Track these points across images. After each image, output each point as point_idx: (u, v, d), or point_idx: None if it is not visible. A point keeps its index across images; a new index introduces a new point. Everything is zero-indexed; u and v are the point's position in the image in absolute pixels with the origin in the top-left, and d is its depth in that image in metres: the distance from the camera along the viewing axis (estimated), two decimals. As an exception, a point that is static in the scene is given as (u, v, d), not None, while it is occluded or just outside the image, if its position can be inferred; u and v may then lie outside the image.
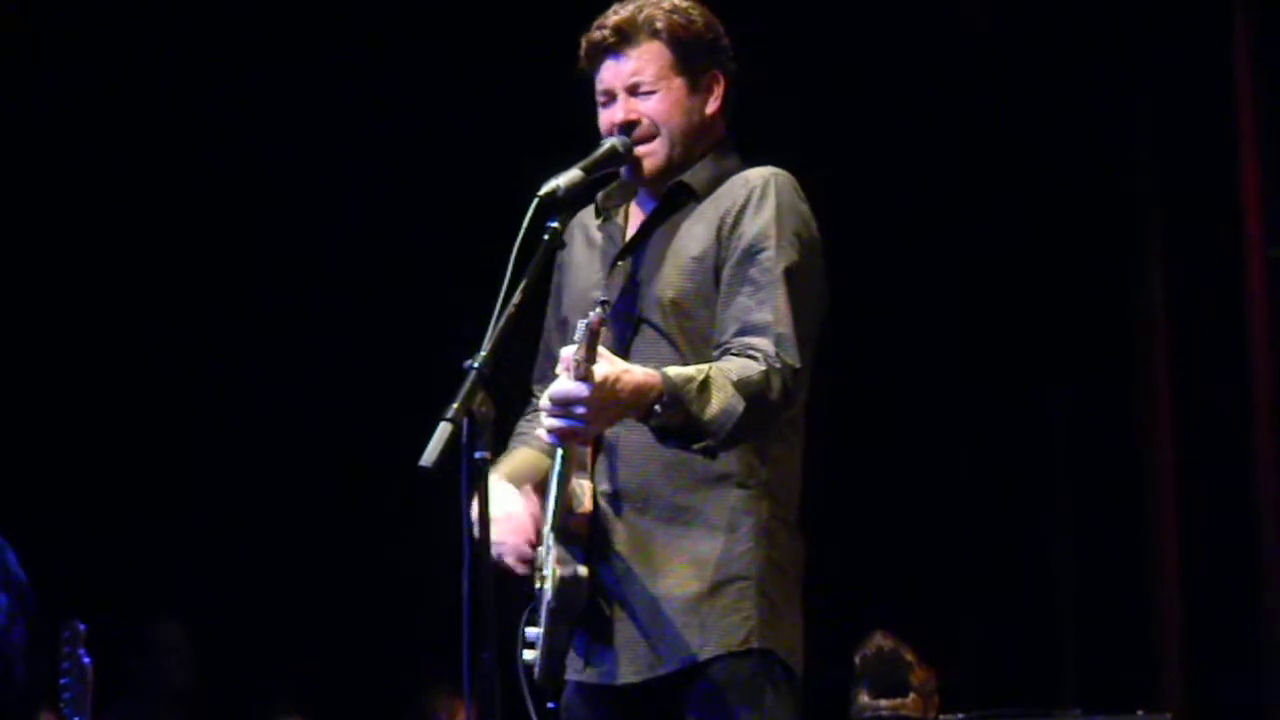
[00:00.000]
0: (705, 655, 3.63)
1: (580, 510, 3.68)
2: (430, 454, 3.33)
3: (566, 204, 3.64)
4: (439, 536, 3.84)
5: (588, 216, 3.91)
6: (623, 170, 3.81)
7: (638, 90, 3.77)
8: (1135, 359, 7.18)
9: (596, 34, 3.80)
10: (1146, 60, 7.16)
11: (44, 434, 7.60)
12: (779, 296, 3.61)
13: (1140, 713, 6.17)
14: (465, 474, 3.39)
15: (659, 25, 3.76)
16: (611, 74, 3.80)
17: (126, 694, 7.16)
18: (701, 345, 3.67)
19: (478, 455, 3.39)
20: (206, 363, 7.82)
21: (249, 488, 7.73)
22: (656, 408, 3.48)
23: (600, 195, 3.88)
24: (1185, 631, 6.92)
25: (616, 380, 3.45)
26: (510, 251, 3.53)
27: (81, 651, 5.25)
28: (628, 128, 3.76)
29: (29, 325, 7.60)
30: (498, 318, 3.48)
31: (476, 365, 3.42)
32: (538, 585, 3.78)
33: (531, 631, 3.77)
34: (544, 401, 3.50)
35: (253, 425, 7.79)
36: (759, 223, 3.67)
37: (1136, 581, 7.06)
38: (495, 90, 7.59)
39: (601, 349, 3.45)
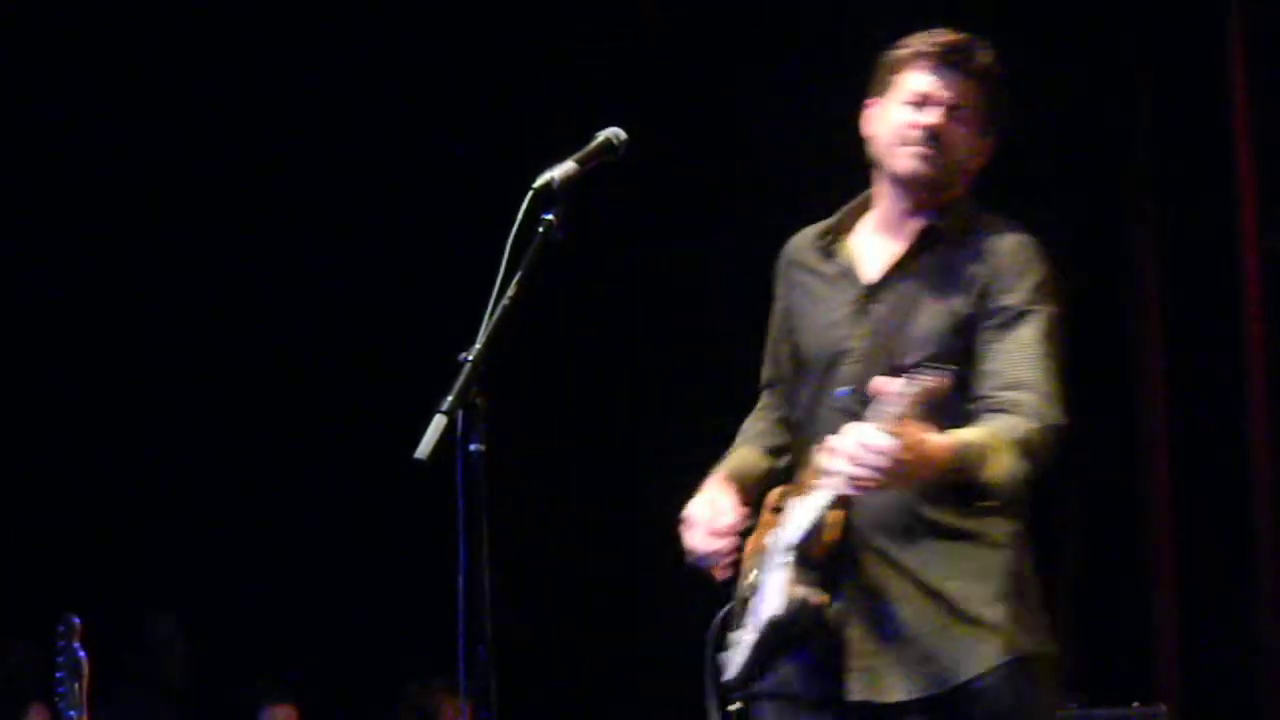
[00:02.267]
0: (981, 669, 3.72)
1: (828, 537, 3.74)
2: (425, 446, 3.33)
3: (561, 196, 3.63)
4: (437, 531, 3.84)
5: (803, 253, 4.00)
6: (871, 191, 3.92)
7: (954, 112, 3.87)
8: (1129, 350, 7.17)
9: (930, 47, 3.90)
10: (1142, 50, 7.15)
11: (39, 430, 7.59)
12: (1044, 355, 3.76)
13: (1136, 705, 6.17)
14: (460, 467, 3.39)
15: (985, 70, 3.91)
16: (939, 85, 3.87)
17: (122, 688, 7.15)
18: (956, 394, 3.72)
19: (472, 448, 3.39)
20: (204, 357, 7.82)
21: (247, 483, 7.72)
22: (950, 474, 3.58)
23: (822, 227, 3.99)
24: (1181, 623, 6.92)
25: (920, 444, 3.52)
26: (505, 244, 3.52)
27: (76, 646, 5.25)
28: (927, 135, 3.85)
29: (25, 321, 7.60)
30: (492, 311, 3.48)
31: (471, 358, 3.42)
32: (746, 591, 3.85)
33: (737, 635, 3.84)
34: (846, 446, 3.52)
35: (251, 422, 7.79)
36: (1026, 286, 3.80)
37: (1132, 573, 7.06)
38: (492, 85, 7.59)
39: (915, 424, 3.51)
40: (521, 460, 6.46)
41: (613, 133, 3.78)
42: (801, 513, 3.78)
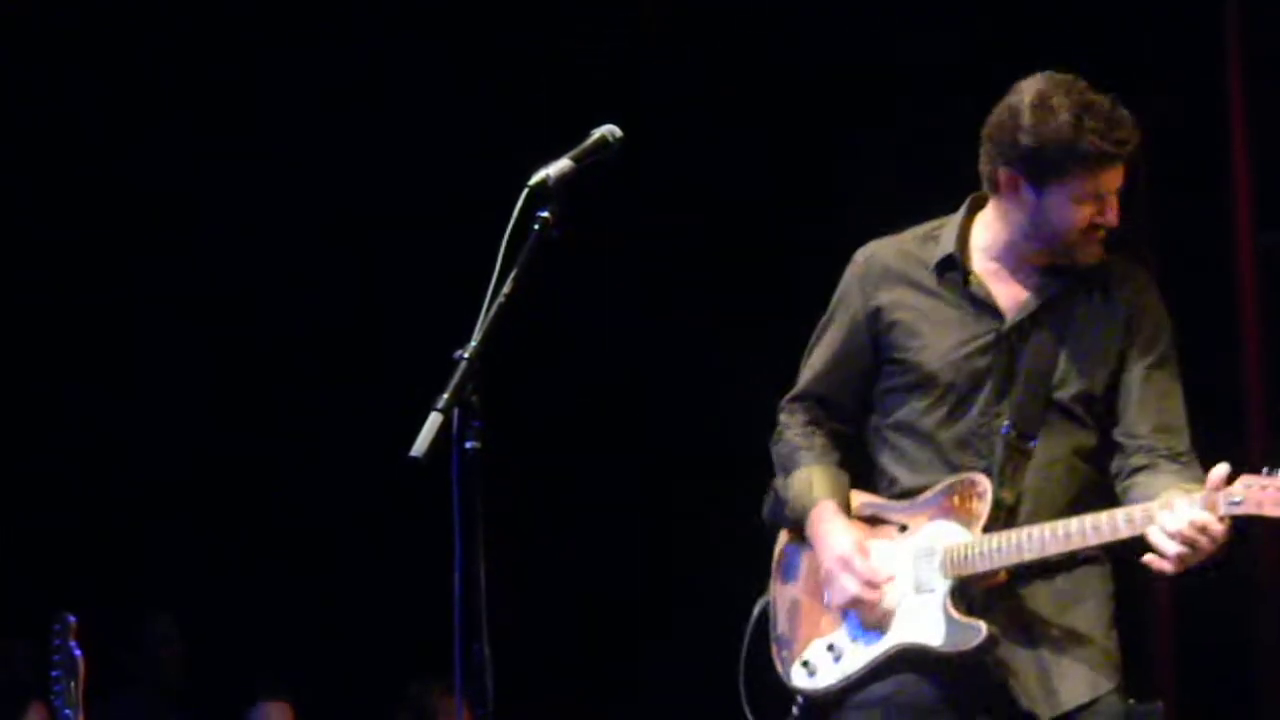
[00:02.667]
0: (1095, 694, 4.01)
1: (1004, 576, 3.90)
2: (421, 444, 3.34)
3: (556, 194, 3.63)
4: (433, 529, 3.83)
5: (904, 265, 4.11)
6: (1063, 250, 4.02)
7: (1117, 194, 4.03)
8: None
9: (1117, 138, 4.00)
10: (1138, 46, 7.15)
11: (35, 428, 7.59)
12: (1180, 394, 4.03)
13: (1132, 702, 6.16)
14: (456, 465, 3.40)
15: (1133, 145, 4.05)
16: (1110, 180, 4.00)
17: (118, 686, 7.15)
18: (1108, 430, 3.97)
19: (468, 446, 3.39)
20: (201, 355, 7.81)
21: (243, 483, 7.72)
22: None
23: (929, 243, 4.12)
24: (1177, 620, 6.92)
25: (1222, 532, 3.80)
26: (500, 242, 3.52)
27: (72, 644, 5.25)
28: (1108, 226, 4.00)
29: (23, 320, 7.59)
30: (488, 308, 3.48)
31: (467, 356, 3.42)
32: (847, 603, 3.97)
33: (826, 642, 3.99)
34: (1180, 524, 3.77)
35: (248, 420, 7.79)
36: (1163, 324, 4.07)
37: (1128, 570, 7.05)
38: (490, 84, 7.59)
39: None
40: (517, 458, 6.45)
41: (608, 130, 3.78)
42: (966, 545, 3.87)
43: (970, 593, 3.88)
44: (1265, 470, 3.67)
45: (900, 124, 7.31)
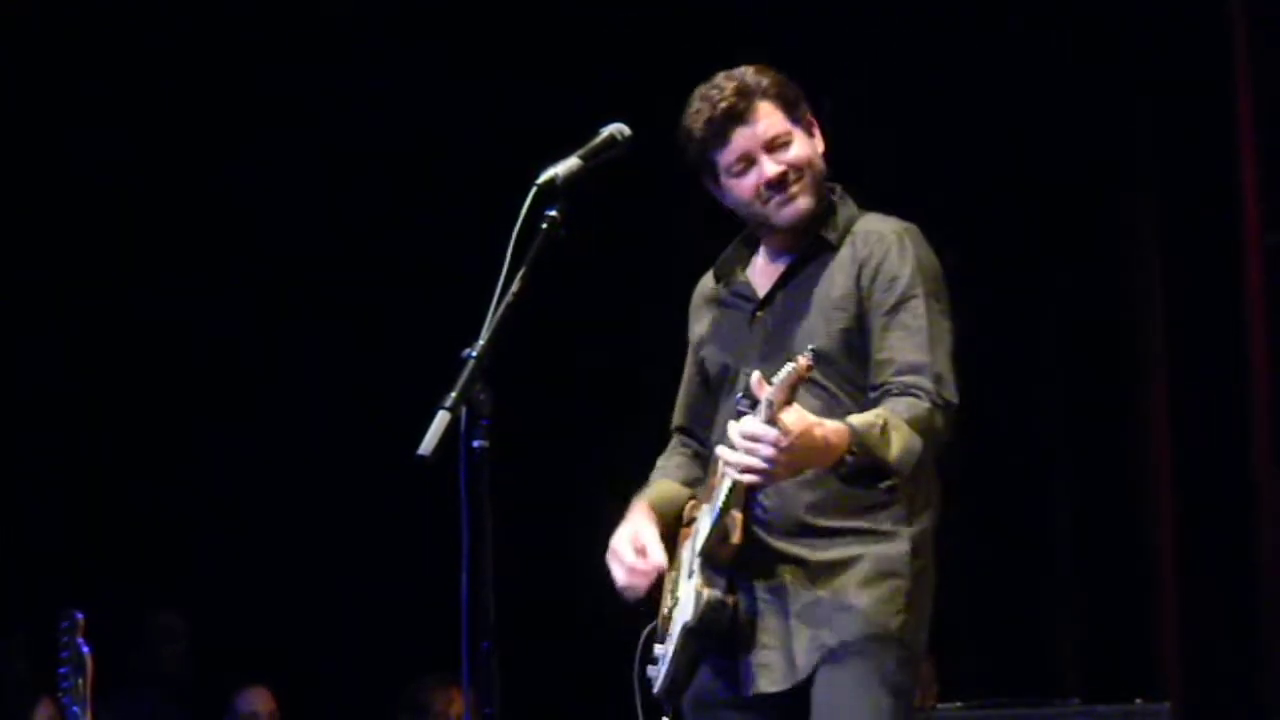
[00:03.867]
0: (860, 638, 3.79)
1: (732, 540, 3.82)
2: (428, 443, 3.34)
3: (564, 192, 3.64)
4: (437, 526, 3.84)
5: (706, 288, 4.12)
6: (756, 219, 3.97)
7: (775, 145, 3.92)
8: (1132, 348, 7.17)
9: (722, 105, 3.92)
10: (1145, 47, 7.15)
11: (41, 424, 7.59)
12: (932, 340, 3.82)
13: (1139, 702, 6.17)
14: (464, 463, 3.40)
15: (765, 85, 3.94)
16: (746, 139, 3.92)
17: (125, 683, 7.16)
18: (850, 389, 3.85)
19: (475, 445, 3.40)
20: (205, 352, 7.81)
21: (250, 479, 7.72)
22: (848, 458, 3.65)
23: (718, 262, 4.08)
24: (1184, 621, 6.92)
25: (808, 432, 3.60)
26: (509, 240, 3.53)
27: (80, 641, 5.26)
28: (780, 181, 3.90)
29: (29, 315, 7.60)
30: (496, 307, 3.48)
31: (475, 354, 3.43)
32: (668, 606, 3.95)
33: (659, 649, 3.94)
34: (733, 435, 3.62)
35: (249, 414, 7.79)
36: (905, 273, 3.86)
37: (1135, 570, 7.06)
38: (495, 87, 7.60)
39: (796, 406, 3.60)
40: (525, 456, 6.46)
41: (616, 128, 3.79)
42: (705, 520, 3.87)
43: (719, 565, 3.84)
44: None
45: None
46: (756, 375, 3.62)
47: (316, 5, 7.80)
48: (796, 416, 3.58)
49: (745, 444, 3.59)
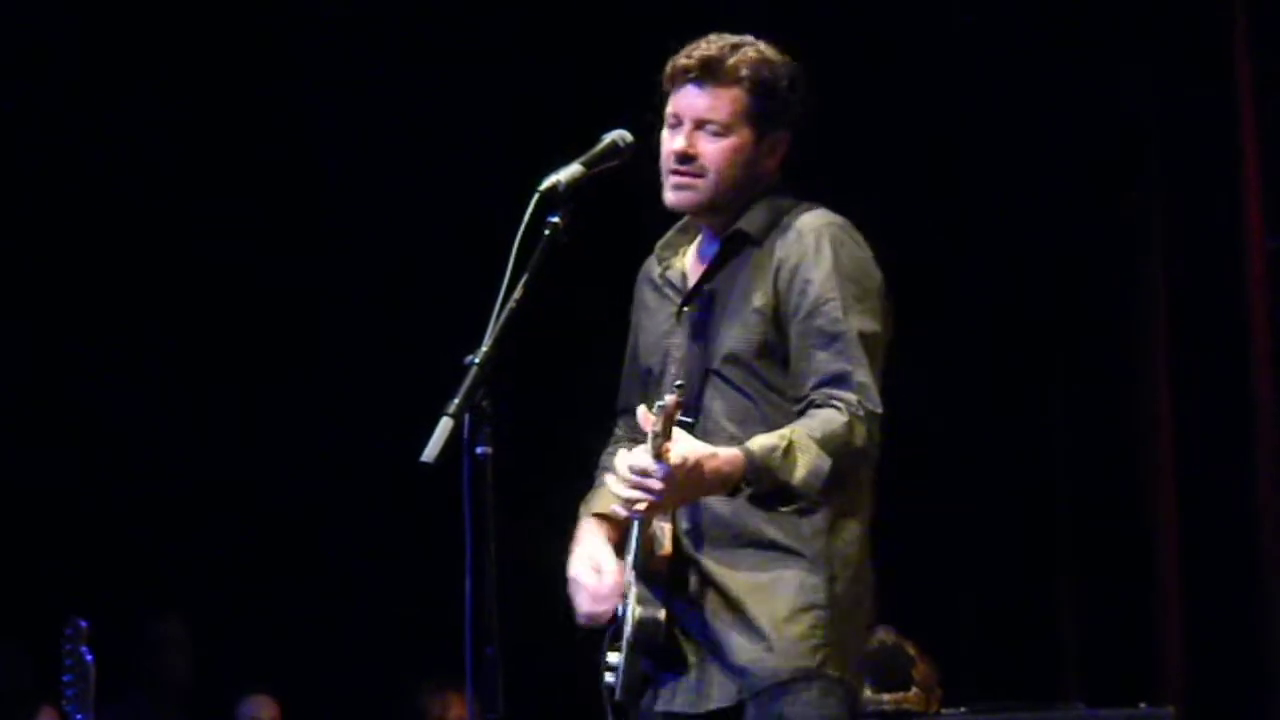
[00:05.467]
0: (780, 678, 3.70)
1: (661, 552, 3.77)
2: (432, 449, 3.35)
3: (567, 199, 3.64)
4: (441, 532, 3.84)
5: (651, 267, 3.98)
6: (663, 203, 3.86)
7: (705, 127, 3.79)
8: (1135, 349, 7.17)
9: (684, 60, 3.81)
10: (1146, 48, 7.15)
11: (43, 431, 7.59)
12: (852, 345, 3.67)
13: (1143, 705, 6.17)
14: (467, 470, 3.40)
15: (744, 73, 3.78)
16: (687, 103, 3.80)
17: (129, 690, 7.16)
18: (770, 393, 3.74)
19: (479, 451, 3.40)
20: (208, 359, 7.81)
21: (254, 485, 7.72)
22: (744, 485, 3.59)
23: (660, 243, 3.96)
24: (1187, 625, 6.92)
25: (697, 464, 3.54)
26: (511, 247, 3.53)
27: (84, 649, 5.26)
28: (684, 159, 3.79)
29: (31, 319, 7.60)
30: (499, 313, 3.49)
31: (478, 361, 3.43)
32: (619, 613, 3.87)
33: (613, 657, 3.87)
34: (621, 470, 3.58)
35: (252, 421, 7.79)
36: (819, 275, 3.70)
37: (1138, 574, 7.06)
38: (500, 88, 7.60)
39: (680, 432, 3.54)
40: (528, 463, 6.46)
41: (619, 135, 3.79)
42: (634, 531, 3.82)
43: (652, 580, 3.78)
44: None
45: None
46: (642, 410, 3.57)
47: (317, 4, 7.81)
48: (686, 449, 3.52)
49: (632, 478, 3.55)
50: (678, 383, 3.60)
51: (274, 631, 7.63)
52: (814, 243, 3.74)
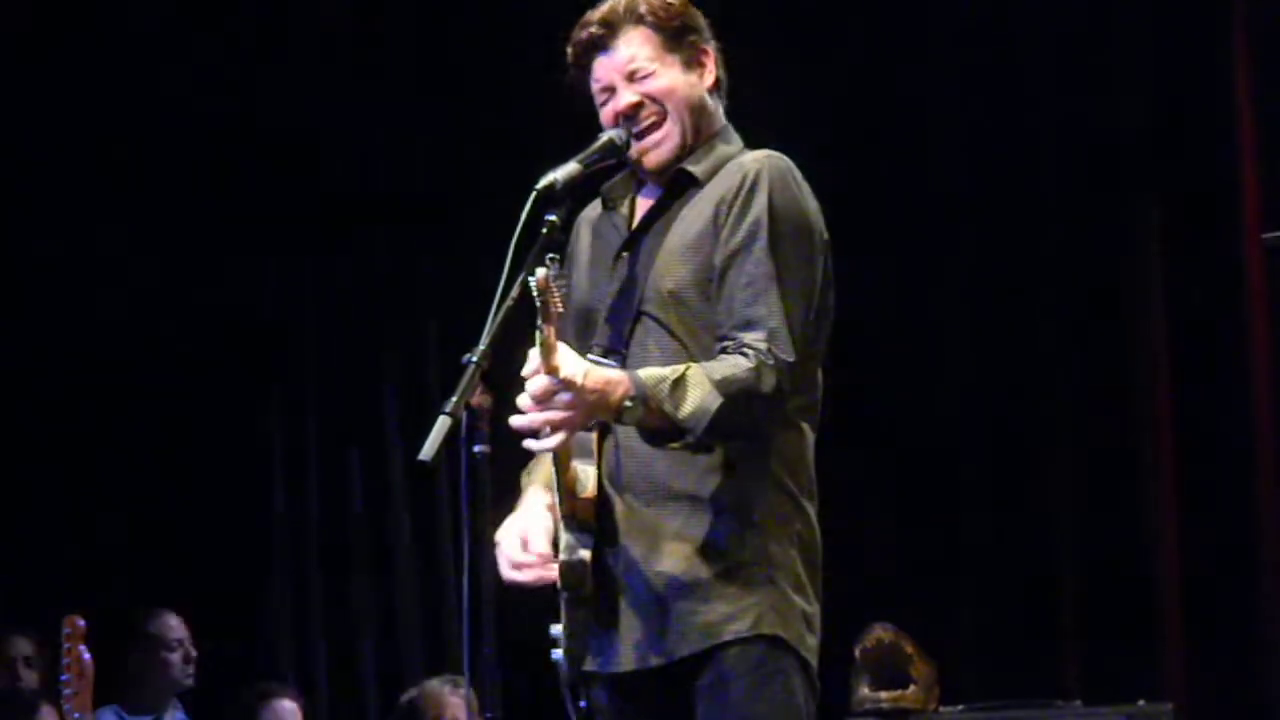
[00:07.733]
0: (713, 641, 3.58)
1: (584, 495, 3.63)
2: (430, 448, 3.34)
3: (564, 197, 3.63)
4: (439, 531, 3.84)
5: (593, 210, 3.89)
6: (630, 161, 3.79)
7: (635, 75, 3.75)
8: (1133, 346, 7.16)
9: (582, 33, 3.78)
10: (1145, 43, 7.15)
11: (41, 430, 7.59)
12: (772, 291, 3.59)
13: (1141, 703, 6.16)
14: (465, 468, 3.40)
15: (641, 10, 3.76)
16: (605, 68, 3.78)
17: (127, 687, 7.14)
18: (702, 334, 3.64)
19: (477, 449, 3.40)
20: (204, 359, 7.81)
21: (249, 483, 7.72)
22: (627, 403, 3.47)
23: (605, 186, 3.86)
24: (1186, 622, 6.91)
25: (585, 374, 3.45)
26: (508, 245, 3.52)
27: (82, 648, 5.26)
28: (633, 113, 3.75)
29: (25, 320, 7.60)
30: (495, 311, 3.48)
31: (475, 359, 3.42)
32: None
33: (555, 629, 3.71)
34: (523, 403, 3.47)
35: (254, 421, 7.79)
36: (752, 213, 3.64)
37: (1137, 572, 7.05)
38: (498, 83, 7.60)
39: (564, 347, 3.46)
40: (525, 461, 6.46)
41: (615, 133, 3.78)
42: (552, 478, 3.65)
43: (579, 526, 3.62)
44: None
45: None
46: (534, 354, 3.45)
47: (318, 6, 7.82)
48: (573, 360, 3.45)
49: (535, 406, 3.44)
50: (551, 256, 3.46)
51: (271, 630, 7.64)
52: (752, 179, 3.67)
